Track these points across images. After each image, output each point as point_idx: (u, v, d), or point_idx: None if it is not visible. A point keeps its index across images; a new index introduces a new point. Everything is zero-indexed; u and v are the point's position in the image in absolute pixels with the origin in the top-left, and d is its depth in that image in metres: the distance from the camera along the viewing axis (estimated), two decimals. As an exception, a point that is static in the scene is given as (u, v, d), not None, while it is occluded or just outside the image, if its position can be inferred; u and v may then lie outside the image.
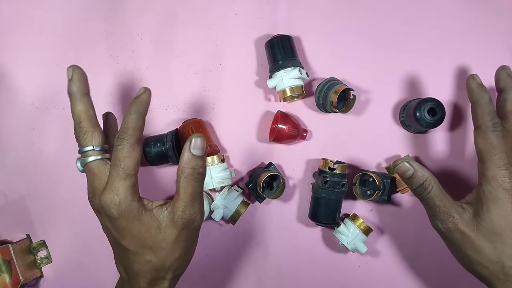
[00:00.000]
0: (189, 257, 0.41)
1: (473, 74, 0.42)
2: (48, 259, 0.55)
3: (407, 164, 0.39)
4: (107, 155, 0.39)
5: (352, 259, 0.54)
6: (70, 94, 0.38)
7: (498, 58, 0.54)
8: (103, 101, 0.55)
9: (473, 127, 0.41)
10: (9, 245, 0.51)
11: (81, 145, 0.38)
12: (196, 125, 0.51)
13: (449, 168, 0.52)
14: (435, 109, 0.47)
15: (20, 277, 0.51)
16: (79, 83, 0.38)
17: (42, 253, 0.55)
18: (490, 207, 0.37)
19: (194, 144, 0.35)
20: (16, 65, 0.55)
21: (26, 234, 0.55)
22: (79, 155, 0.39)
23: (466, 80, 0.42)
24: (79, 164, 0.39)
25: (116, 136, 0.37)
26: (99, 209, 0.37)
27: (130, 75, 0.55)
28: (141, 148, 0.37)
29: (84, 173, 0.39)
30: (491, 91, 0.53)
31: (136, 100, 0.37)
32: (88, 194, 0.40)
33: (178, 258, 0.38)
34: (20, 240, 0.54)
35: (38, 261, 0.54)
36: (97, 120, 0.39)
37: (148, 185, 0.54)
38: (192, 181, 0.36)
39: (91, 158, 0.38)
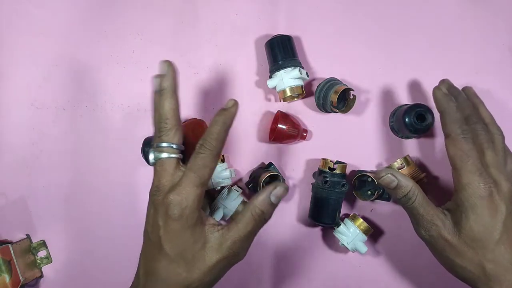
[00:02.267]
0: (213, 285, 0.40)
1: (439, 85, 0.43)
2: (48, 259, 0.55)
3: (391, 176, 0.38)
4: (181, 156, 0.39)
5: (352, 259, 0.54)
6: (162, 88, 0.38)
7: (498, 58, 0.54)
8: (103, 101, 0.55)
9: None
10: (9, 245, 0.51)
11: (161, 140, 0.38)
12: (196, 125, 0.51)
13: (440, 172, 0.53)
14: (424, 115, 0.48)
15: (20, 277, 0.51)
16: (172, 79, 0.39)
17: (42, 253, 0.55)
18: (469, 214, 0.38)
19: (276, 192, 0.37)
20: (16, 65, 0.55)
21: (26, 234, 0.55)
22: (154, 148, 0.38)
23: (432, 91, 0.43)
24: (152, 156, 0.38)
25: (199, 142, 0.37)
26: (160, 206, 0.37)
27: (130, 75, 0.55)
28: (217, 161, 0.38)
29: (153, 166, 0.39)
30: (491, 91, 0.53)
31: (225, 112, 0.38)
32: (152, 187, 0.39)
33: (206, 283, 0.37)
34: (20, 240, 0.54)
35: (38, 261, 0.54)
36: (180, 118, 0.39)
37: (147, 185, 0.54)
38: (256, 222, 0.37)
39: (166, 155, 0.38)
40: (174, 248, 0.36)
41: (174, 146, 0.38)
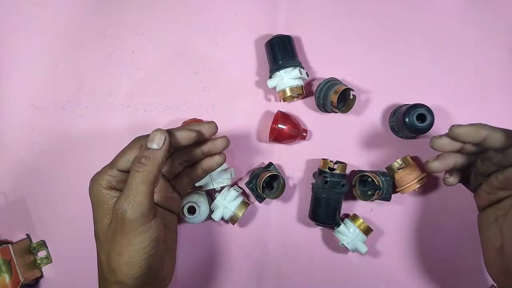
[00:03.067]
0: (131, 258, 0.36)
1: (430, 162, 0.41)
2: (48, 259, 0.55)
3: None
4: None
5: (352, 259, 0.54)
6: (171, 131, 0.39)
7: (498, 58, 0.54)
8: (103, 101, 0.55)
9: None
10: (9, 245, 0.51)
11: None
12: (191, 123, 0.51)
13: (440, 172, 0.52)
14: (424, 115, 0.47)
15: (20, 277, 0.51)
16: (185, 131, 0.39)
17: (42, 253, 0.55)
18: None
19: (150, 137, 0.36)
20: (16, 65, 0.55)
21: (26, 234, 0.55)
22: None
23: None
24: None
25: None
26: None
27: (130, 75, 0.55)
28: (134, 154, 0.38)
29: None
30: (491, 91, 0.53)
31: (200, 124, 0.41)
32: None
33: (114, 256, 0.36)
34: (20, 240, 0.54)
35: (38, 261, 0.54)
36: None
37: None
38: (133, 170, 0.35)
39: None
40: (95, 226, 0.39)
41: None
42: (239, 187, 0.53)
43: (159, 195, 0.43)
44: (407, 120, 0.48)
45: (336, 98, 0.48)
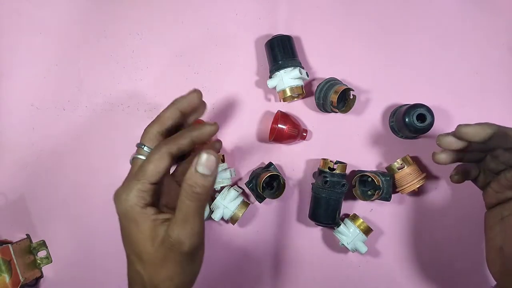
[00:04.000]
0: (183, 283, 0.37)
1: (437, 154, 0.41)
2: (48, 259, 0.55)
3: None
4: None
5: (352, 259, 0.54)
6: (172, 102, 0.39)
7: (498, 58, 0.54)
8: (103, 101, 0.55)
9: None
10: (9, 245, 0.51)
11: (140, 140, 0.39)
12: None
13: (440, 172, 0.52)
14: (424, 115, 0.47)
15: (20, 277, 0.51)
16: (184, 100, 0.39)
17: (42, 253, 0.55)
18: None
19: (200, 160, 0.32)
20: (16, 65, 0.55)
21: (26, 234, 0.55)
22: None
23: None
24: (131, 157, 0.40)
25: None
26: None
27: (130, 75, 0.55)
28: (170, 163, 0.36)
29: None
30: (491, 91, 0.53)
31: (199, 126, 0.38)
32: None
33: (165, 280, 0.35)
34: (20, 240, 0.54)
35: (38, 261, 0.54)
36: (166, 131, 0.39)
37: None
38: (187, 199, 0.33)
39: (138, 155, 0.38)
40: (128, 246, 0.36)
41: (145, 148, 0.38)
42: (239, 187, 0.53)
43: None
44: (407, 120, 0.48)
45: (336, 98, 0.48)
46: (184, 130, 0.38)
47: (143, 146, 0.38)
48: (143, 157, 0.38)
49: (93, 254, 0.55)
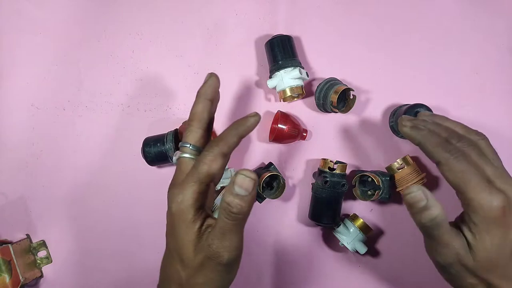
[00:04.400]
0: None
1: (401, 119, 0.41)
2: (48, 259, 0.55)
3: (421, 194, 0.34)
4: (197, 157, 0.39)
5: (352, 259, 0.54)
6: (197, 94, 0.39)
7: (498, 58, 0.54)
8: (103, 101, 0.55)
9: None
10: (9, 245, 0.51)
11: (183, 140, 0.39)
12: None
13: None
14: None
15: (20, 277, 0.51)
16: (208, 88, 0.39)
17: (42, 253, 0.55)
18: (483, 236, 0.36)
19: (237, 180, 0.33)
20: (16, 65, 0.55)
21: (26, 234, 0.55)
22: (179, 146, 0.39)
23: (401, 131, 0.40)
24: (175, 156, 0.39)
25: (208, 143, 0.38)
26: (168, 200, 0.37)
27: (130, 75, 0.55)
28: (224, 163, 0.37)
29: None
30: (490, 92, 0.53)
31: (242, 121, 0.38)
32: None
33: (201, 285, 0.36)
34: (20, 240, 0.54)
35: (38, 261, 0.54)
36: (206, 124, 0.39)
37: (147, 185, 0.54)
38: (224, 217, 0.34)
39: (184, 154, 0.38)
40: (172, 243, 0.37)
41: (192, 148, 0.38)
42: (239, 187, 0.53)
43: None
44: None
45: (336, 98, 0.48)
46: (231, 128, 0.37)
47: (188, 145, 0.38)
48: (189, 156, 0.38)
49: (93, 254, 0.55)
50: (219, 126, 0.55)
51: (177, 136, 0.51)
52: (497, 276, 0.36)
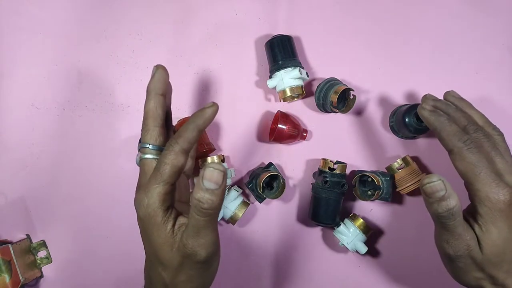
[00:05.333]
0: (202, 284, 0.38)
1: (423, 104, 0.40)
2: (48, 259, 0.55)
3: (441, 183, 0.34)
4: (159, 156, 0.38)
5: (352, 259, 0.54)
6: (147, 91, 0.38)
7: (498, 58, 0.54)
8: (103, 101, 0.55)
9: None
10: (9, 245, 0.51)
11: (141, 140, 0.38)
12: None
13: (440, 172, 0.52)
14: None
15: (20, 277, 0.51)
16: (157, 82, 0.38)
17: (42, 253, 0.55)
18: (490, 229, 0.36)
19: (205, 174, 0.31)
20: (16, 64, 0.55)
21: (26, 234, 0.55)
22: (138, 148, 0.39)
23: (420, 114, 0.40)
24: (137, 158, 0.39)
25: (168, 141, 0.37)
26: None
27: (130, 75, 0.55)
28: (186, 160, 0.36)
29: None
30: (490, 92, 0.53)
31: (199, 113, 0.37)
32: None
33: (185, 283, 0.36)
34: (20, 240, 0.54)
35: (38, 261, 0.54)
36: (162, 120, 0.38)
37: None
38: (196, 214, 0.33)
39: (145, 155, 0.38)
40: (149, 248, 0.36)
41: (152, 147, 0.37)
42: (239, 187, 0.53)
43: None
44: (407, 120, 0.48)
45: (336, 98, 0.48)
46: (188, 123, 0.36)
47: (148, 145, 0.38)
48: (151, 156, 0.37)
49: (93, 254, 0.55)
50: (220, 127, 0.55)
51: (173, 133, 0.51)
52: (503, 271, 0.36)
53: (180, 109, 0.54)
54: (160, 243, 0.35)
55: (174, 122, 0.54)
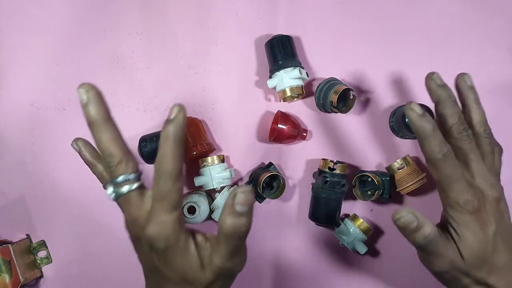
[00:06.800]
0: None
1: (411, 103, 0.38)
2: (48, 259, 0.55)
3: (412, 216, 0.34)
4: (141, 182, 0.35)
5: (352, 259, 0.54)
6: (90, 121, 0.34)
7: (498, 58, 0.54)
8: (103, 101, 0.55)
9: None
10: (9, 245, 0.51)
11: (114, 175, 0.34)
12: (189, 123, 0.51)
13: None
14: None
15: (20, 277, 0.51)
16: (97, 106, 0.34)
17: (42, 253, 0.55)
18: (463, 232, 0.37)
19: (238, 199, 0.30)
20: (16, 65, 0.55)
21: (26, 234, 0.55)
22: (111, 184, 0.35)
23: (407, 112, 0.38)
24: (113, 194, 0.35)
25: (156, 166, 0.33)
26: (142, 239, 0.34)
27: (130, 75, 0.55)
28: (183, 178, 0.35)
29: (117, 202, 0.36)
30: (491, 91, 0.53)
31: (171, 124, 0.32)
32: (126, 222, 0.36)
33: None
34: (20, 240, 0.54)
35: (38, 261, 0.54)
36: (126, 145, 0.35)
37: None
38: (233, 241, 0.32)
39: (126, 188, 0.34)
40: (175, 273, 0.35)
41: (131, 178, 0.34)
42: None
43: None
44: (407, 120, 0.48)
45: (336, 98, 0.48)
46: (166, 139, 0.32)
47: (131, 176, 0.34)
48: (135, 186, 0.34)
49: (93, 254, 0.55)
50: (220, 127, 0.55)
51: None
52: (485, 271, 0.37)
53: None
54: (189, 267, 0.34)
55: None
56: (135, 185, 0.34)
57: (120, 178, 0.33)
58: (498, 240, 0.37)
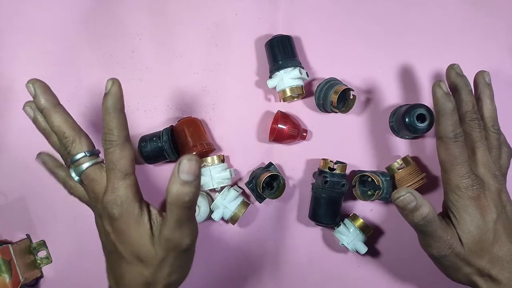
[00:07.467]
0: (183, 275, 0.39)
1: (440, 81, 0.40)
2: (48, 259, 0.55)
3: (411, 195, 0.35)
4: (100, 159, 0.38)
5: (352, 259, 0.54)
6: (41, 109, 0.37)
7: (498, 58, 0.54)
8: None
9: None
10: (9, 245, 0.51)
11: (71, 154, 0.37)
12: (189, 123, 0.52)
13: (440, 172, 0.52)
14: (424, 115, 0.47)
15: (20, 277, 0.51)
16: (45, 95, 0.37)
17: (42, 253, 0.55)
18: (462, 215, 0.38)
19: (182, 167, 0.30)
20: (16, 65, 0.55)
21: (26, 234, 0.55)
22: (71, 165, 0.38)
23: (432, 87, 0.40)
24: (74, 174, 0.38)
25: (102, 138, 0.36)
26: (101, 213, 0.36)
27: (130, 75, 0.55)
28: (131, 145, 0.37)
29: (81, 182, 0.38)
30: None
31: (108, 96, 0.35)
32: (89, 201, 0.39)
33: (168, 276, 0.36)
34: (20, 240, 0.54)
35: (38, 261, 0.54)
36: (78, 125, 0.38)
37: (145, 184, 0.54)
38: (177, 209, 0.32)
39: (86, 165, 0.36)
40: (127, 250, 0.36)
41: (88, 154, 0.37)
42: (239, 187, 0.53)
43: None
44: (407, 120, 0.48)
45: (336, 98, 0.48)
46: (106, 112, 0.36)
47: (85, 154, 0.37)
48: (90, 163, 0.37)
49: (93, 254, 0.55)
50: (220, 127, 0.55)
51: (173, 133, 0.51)
52: (486, 261, 0.38)
53: (180, 109, 0.54)
54: (140, 238, 0.35)
55: (175, 122, 0.54)
56: (92, 161, 0.36)
57: (78, 156, 0.36)
58: (499, 230, 0.38)
